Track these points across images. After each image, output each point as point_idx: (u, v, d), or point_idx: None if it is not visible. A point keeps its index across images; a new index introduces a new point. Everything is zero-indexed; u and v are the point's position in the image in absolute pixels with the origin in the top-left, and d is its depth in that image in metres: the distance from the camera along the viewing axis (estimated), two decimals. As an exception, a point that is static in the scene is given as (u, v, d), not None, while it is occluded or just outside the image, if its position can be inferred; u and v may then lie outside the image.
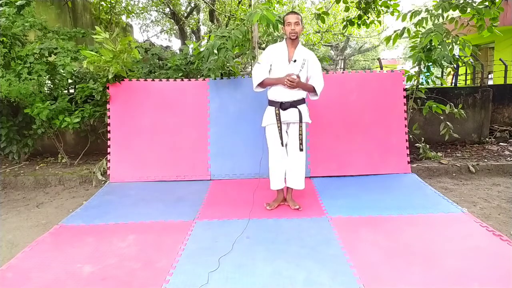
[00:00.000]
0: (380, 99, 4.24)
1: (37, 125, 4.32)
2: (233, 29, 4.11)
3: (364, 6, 5.90)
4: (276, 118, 3.07)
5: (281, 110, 3.07)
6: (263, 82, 3.09)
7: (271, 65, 3.09)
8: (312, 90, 3.11)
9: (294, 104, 3.07)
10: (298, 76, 2.98)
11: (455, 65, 4.78)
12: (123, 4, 11.22)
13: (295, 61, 3.03)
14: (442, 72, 5.46)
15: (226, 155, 4.19)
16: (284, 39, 3.11)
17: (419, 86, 4.64)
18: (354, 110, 4.24)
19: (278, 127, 3.08)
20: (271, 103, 3.13)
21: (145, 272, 2.25)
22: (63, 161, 4.75)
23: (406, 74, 4.50)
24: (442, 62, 4.28)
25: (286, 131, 3.17)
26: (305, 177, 4.02)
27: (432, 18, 4.31)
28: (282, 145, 3.13)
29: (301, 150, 3.13)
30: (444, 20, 4.53)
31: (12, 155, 4.64)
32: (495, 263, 2.27)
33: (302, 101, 3.13)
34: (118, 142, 4.18)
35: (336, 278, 2.13)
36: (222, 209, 3.23)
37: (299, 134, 3.10)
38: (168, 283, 2.12)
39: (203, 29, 14.94)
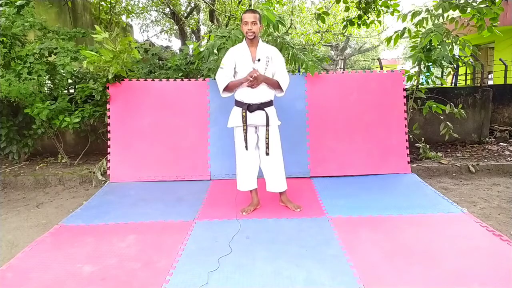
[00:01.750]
0: (380, 99, 4.24)
1: (37, 125, 4.32)
2: (233, 29, 4.12)
3: (364, 6, 5.90)
4: (243, 121, 3.01)
5: (248, 113, 3.01)
6: (228, 86, 3.02)
7: (235, 68, 3.03)
8: (277, 85, 3.03)
9: (261, 106, 3.02)
10: (254, 70, 2.89)
11: (455, 65, 4.79)
12: (123, 4, 11.23)
13: (259, 60, 2.96)
14: (442, 72, 5.46)
15: (226, 155, 4.18)
16: (244, 39, 3.05)
17: (419, 86, 4.64)
18: (354, 110, 4.24)
19: (244, 130, 3.02)
20: (238, 103, 3.07)
21: (145, 272, 2.25)
22: (63, 161, 4.75)
23: (406, 74, 4.50)
24: (442, 62, 4.28)
25: (257, 133, 3.12)
26: (305, 177, 4.07)
27: (432, 18, 4.31)
28: (247, 149, 3.08)
29: (267, 154, 3.07)
30: (444, 20, 4.54)
31: (12, 155, 4.64)
32: (495, 263, 2.27)
33: (269, 103, 3.07)
34: (118, 142, 4.18)
35: (336, 278, 2.13)
36: (222, 209, 3.23)
37: (266, 138, 3.05)
38: (168, 283, 2.12)
39: (203, 29, 14.96)
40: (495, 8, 4.21)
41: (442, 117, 4.86)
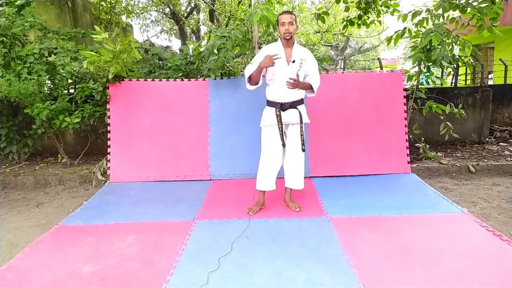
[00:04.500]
0: (380, 99, 4.24)
1: (37, 125, 4.32)
2: (233, 29, 4.12)
3: (364, 6, 5.90)
4: (277, 120, 3.05)
5: (281, 111, 3.05)
6: (251, 77, 3.05)
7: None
8: (309, 88, 3.10)
9: (293, 104, 3.06)
10: (297, 75, 2.97)
11: (455, 65, 4.78)
12: (123, 4, 11.22)
13: (293, 61, 3.01)
14: (442, 72, 5.47)
15: (226, 155, 4.19)
16: (279, 39, 3.09)
17: (419, 86, 4.64)
18: (354, 110, 4.24)
19: (279, 128, 3.06)
20: (270, 104, 3.11)
21: (145, 272, 2.25)
22: (63, 161, 4.75)
23: (406, 74, 4.50)
24: (442, 62, 4.28)
25: (285, 132, 3.15)
26: (305, 177, 4.06)
27: (433, 18, 4.31)
28: (284, 147, 3.10)
29: (303, 150, 3.12)
30: (445, 20, 4.54)
31: (12, 155, 4.64)
32: (495, 263, 2.27)
33: (301, 101, 3.12)
34: (118, 142, 4.18)
35: (336, 278, 2.14)
36: (222, 209, 3.23)
37: (301, 135, 3.09)
38: (168, 283, 2.12)
39: (203, 29, 14.95)
40: (495, 8, 4.21)
41: (442, 117, 4.86)
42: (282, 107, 3.05)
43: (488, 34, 4.46)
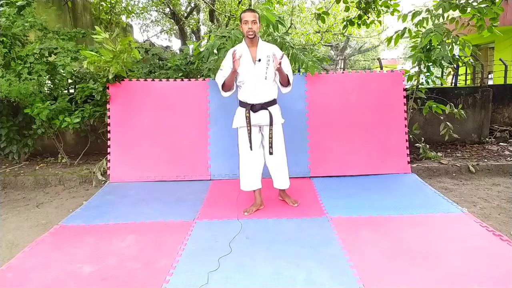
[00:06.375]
0: (380, 99, 4.24)
1: (37, 125, 4.32)
2: (233, 29, 4.12)
3: (364, 6, 5.90)
4: (246, 121, 3.01)
5: (251, 113, 3.00)
6: (225, 83, 3.01)
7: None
8: (286, 80, 3.01)
9: (265, 106, 3.01)
10: (282, 56, 2.87)
11: (455, 65, 4.78)
12: (123, 4, 11.23)
13: (259, 60, 2.95)
14: (442, 72, 5.47)
15: (226, 155, 4.18)
16: (243, 39, 3.04)
17: (419, 86, 4.64)
18: (354, 110, 4.23)
19: (248, 130, 3.02)
20: (242, 104, 3.06)
21: (145, 272, 2.25)
22: (63, 161, 4.75)
23: (406, 74, 4.50)
24: (442, 62, 4.28)
25: (261, 132, 3.12)
26: (305, 177, 4.07)
27: (433, 18, 4.31)
28: (251, 149, 3.07)
29: (270, 153, 3.07)
30: (445, 20, 4.54)
31: (12, 155, 4.64)
32: (495, 263, 2.27)
33: (273, 102, 3.06)
34: (118, 142, 4.18)
35: (336, 278, 2.13)
36: (222, 209, 3.23)
37: (269, 138, 3.05)
38: (168, 283, 2.12)
39: (203, 29, 14.95)
40: (495, 8, 4.21)
41: (442, 117, 4.86)
42: (253, 108, 3.00)
43: (488, 34, 4.46)
